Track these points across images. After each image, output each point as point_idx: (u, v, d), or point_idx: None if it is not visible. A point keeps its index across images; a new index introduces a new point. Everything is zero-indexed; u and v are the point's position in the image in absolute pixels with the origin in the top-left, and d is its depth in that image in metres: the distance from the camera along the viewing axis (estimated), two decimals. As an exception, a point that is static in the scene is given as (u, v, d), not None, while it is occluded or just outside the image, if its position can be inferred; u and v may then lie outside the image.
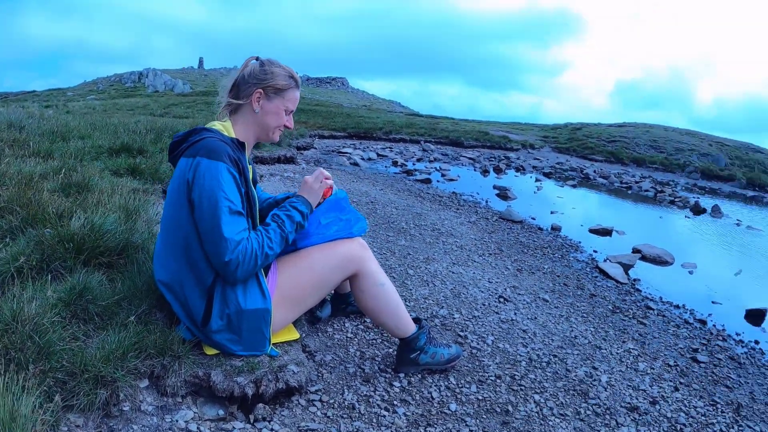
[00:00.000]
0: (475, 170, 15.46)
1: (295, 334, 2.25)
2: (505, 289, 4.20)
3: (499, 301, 3.82)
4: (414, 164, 14.55)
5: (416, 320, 2.44)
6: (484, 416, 2.26)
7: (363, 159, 13.90)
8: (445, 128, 25.19)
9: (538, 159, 21.93)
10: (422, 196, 8.68)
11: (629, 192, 16.53)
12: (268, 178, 7.64)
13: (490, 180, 13.42)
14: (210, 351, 1.95)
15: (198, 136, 1.92)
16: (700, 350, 3.83)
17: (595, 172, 20.20)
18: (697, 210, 13.84)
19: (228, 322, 1.88)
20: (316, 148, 15.25)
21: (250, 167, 2.09)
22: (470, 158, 18.20)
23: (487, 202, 9.40)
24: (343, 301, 2.82)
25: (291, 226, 2.01)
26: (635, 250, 7.14)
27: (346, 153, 14.59)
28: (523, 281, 4.60)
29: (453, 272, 4.39)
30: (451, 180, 12.07)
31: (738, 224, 12.82)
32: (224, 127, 2.02)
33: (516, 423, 2.25)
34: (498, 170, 15.86)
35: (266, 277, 2.01)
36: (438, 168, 14.17)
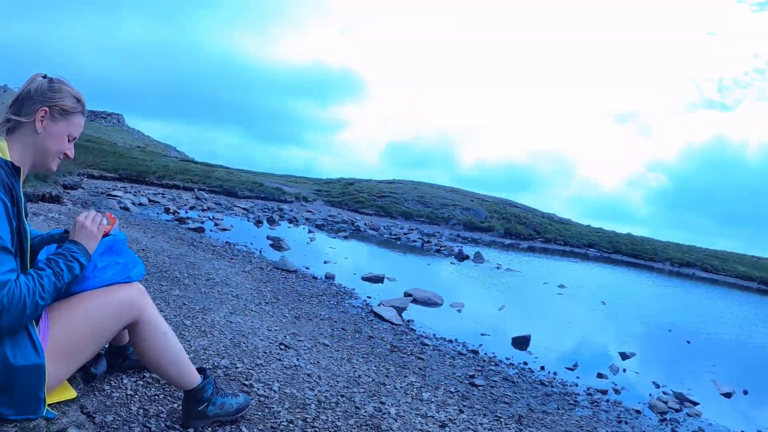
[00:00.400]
0: (248, 221, 15.36)
1: (71, 393, 1.99)
2: (285, 336, 4.22)
3: (281, 348, 3.83)
4: (187, 212, 13.96)
5: (200, 370, 2.32)
6: (277, 463, 2.23)
7: (134, 204, 13.00)
8: (219, 177, 24.72)
9: (311, 212, 22.59)
10: (195, 245, 8.35)
11: (398, 243, 17.84)
12: (30, 218, 6.68)
13: (264, 231, 13.44)
14: None
15: None
16: (476, 376, 4.28)
17: (365, 224, 21.45)
18: (461, 257, 15.49)
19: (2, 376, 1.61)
20: (84, 189, 13.88)
21: (23, 198, 1.85)
22: (244, 209, 18.05)
23: (261, 252, 9.38)
24: (120, 355, 2.57)
25: (68, 277, 1.81)
26: (407, 294, 7.71)
27: (117, 196, 13.55)
28: (302, 328, 4.67)
29: (231, 322, 4.28)
30: (225, 230, 11.82)
31: (498, 267, 14.62)
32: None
33: (308, 466, 2.27)
34: (271, 221, 15.95)
35: (37, 327, 1.77)
36: (211, 217, 13.78)
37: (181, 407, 2.32)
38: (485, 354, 5.30)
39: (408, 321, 6.21)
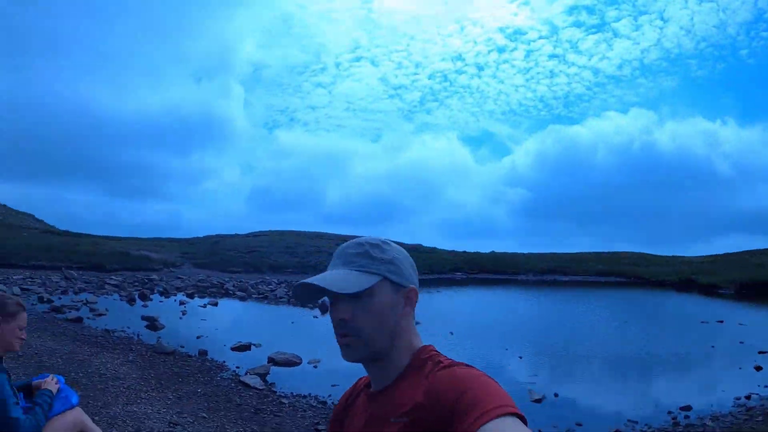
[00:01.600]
0: (121, 299, 16.14)
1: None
2: (173, 415, 5.74)
3: (171, 426, 5.37)
4: (60, 298, 14.60)
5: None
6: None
7: (3, 298, 13.36)
8: (85, 251, 24.70)
9: (180, 278, 23.33)
10: (79, 338, 9.45)
11: (266, 301, 19.22)
12: None
13: (138, 309, 14.39)
14: None
15: None
16: (320, 423, 6.00)
17: (234, 285, 22.54)
18: (324, 308, 17.05)
19: None
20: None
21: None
22: (114, 285, 18.64)
23: (139, 336, 10.55)
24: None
25: (48, 412, 3.36)
26: (270, 359, 9.28)
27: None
28: (185, 407, 6.19)
29: (128, 411, 5.73)
30: (101, 315, 12.70)
31: None
32: None
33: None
34: (143, 296, 16.82)
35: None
36: (85, 300, 14.50)
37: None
38: (332, 403, 7.05)
39: (271, 384, 7.84)
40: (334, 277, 1.34)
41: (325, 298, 1.51)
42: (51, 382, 3.55)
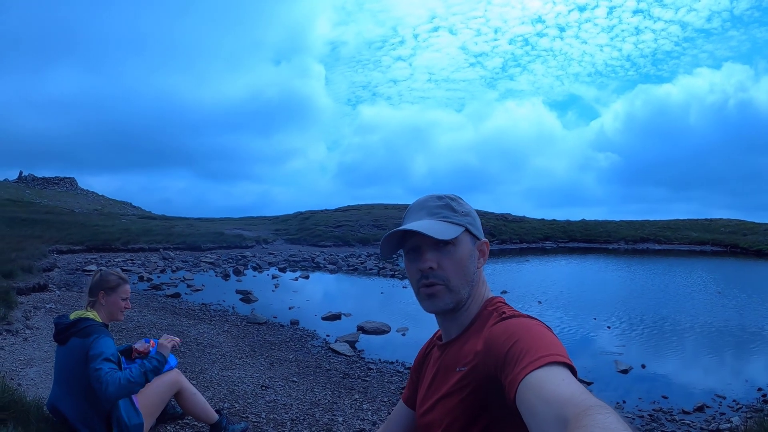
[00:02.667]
0: (216, 275, 16.80)
1: (151, 435, 3.63)
2: (264, 380, 5.85)
3: (263, 389, 5.47)
4: (159, 277, 15.36)
5: (218, 411, 3.98)
6: (269, 457, 3.89)
7: (109, 278, 14.25)
8: (181, 232, 25.96)
9: (272, 254, 24.03)
10: (177, 312, 9.87)
11: (356, 273, 19.48)
12: (35, 313, 8.14)
13: (232, 284, 14.92)
14: None
15: (85, 323, 3.25)
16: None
17: (325, 259, 22.98)
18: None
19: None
20: (60, 267, 15.09)
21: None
22: (210, 263, 19.44)
23: (233, 308, 10.91)
24: (163, 414, 4.20)
25: (157, 373, 3.42)
26: (359, 328, 9.36)
27: (91, 271, 14.76)
28: (276, 371, 6.30)
29: (224, 376, 5.89)
30: (197, 290, 13.26)
31: None
32: (94, 315, 3.38)
33: (287, 456, 3.93)
34: (238, 272, 17.43)
35: (132, 402, 3.39)
36: (183, 278, 15.20)
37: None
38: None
39: (360, 351, 7.87)
40: (427, 225, 1.39)
41: (401, 251, 1.54)
42: (166, 344, 3.55)
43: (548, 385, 0.97)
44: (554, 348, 1.10)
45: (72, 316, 3.30)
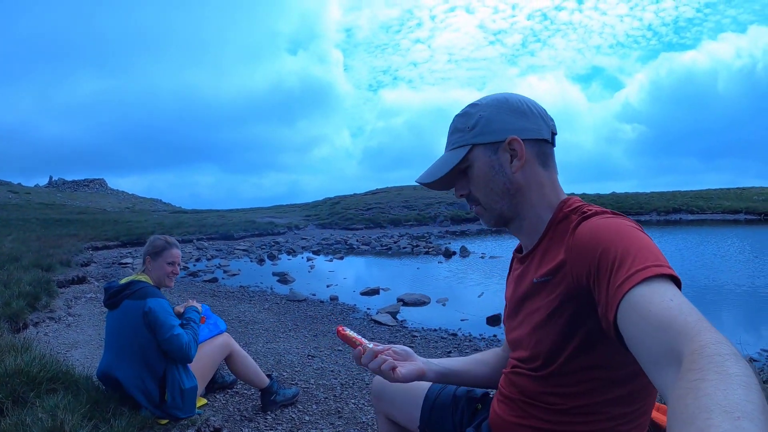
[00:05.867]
0: (251, 261, 16.87)
1: (204, 400, 3.55)
2: (310, 350, 5.77)
3: (309, 358, 5.38)
4: (195, 265, 15.47)
5: (268, 376, 3.89)
6: (326, 417, 3.79)
7: (147, 269, 14.44)
8: (213, 223, 26.21)
9: (305, 238, 24.10)
10: (217, 295, 9.89)
11: (390, 252, 19.40)
12: (76, 302, 8.21)
13: (268, 268, 14.95)
14: (162, 422, 3.15)
15: (137, 285, 3.18)
16: (452, 351, 5.86)
17: (357, 240, 22.96)
18: (448, 254, 17.04)
19: (175, 398, 3.13)
20: (96, 262, 15.31)
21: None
22: (244, 250, 19.55)
23: (272, 288, 10.90)
24: (213, 382, 4.14)
25: (198, 330, 3.35)
26: (399, 300, 9.25)
27: (128, 263, 14.97)
28: (321, 342, 6.21)
29: (269, 348, 5.83)
30: (234, 275, 13.31)
31: (482, 257, 16.15)
32: (146, 278, 3.31)
33: (346, 415, 3.83)
34: (272, 257, 17.48)
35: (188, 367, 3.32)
36: (218, 265, 15.29)
37: (259, 400, 3.87)
38: (462, 335, 6.85)
39: (402, 321, 7.76)
40: (433, 168, 1.38)
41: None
42: (193, 302, 3.56)
43: (656, 307, 0.86)
44: (656, 256, 0.97)
45: (122, 281, 3.24)
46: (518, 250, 1.47)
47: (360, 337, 1.48)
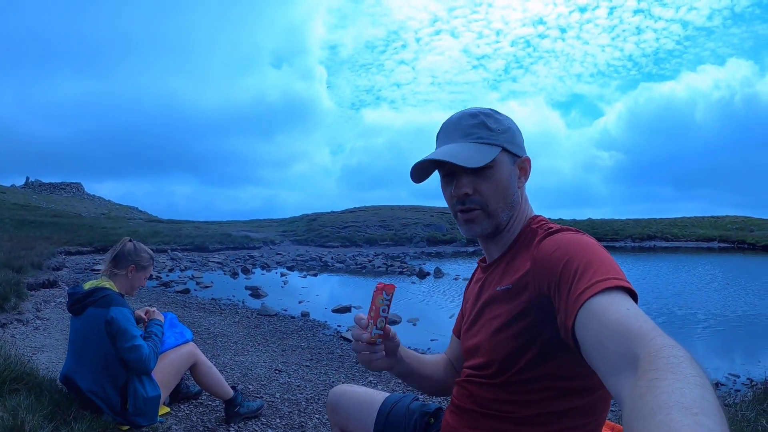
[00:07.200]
0: (225, 274, 16.76)
1: (166, 409, 3.56)
2: (278, 364, 5.78)
3: (276, 373, 5.40)
4: (168, 275, 15.33)
5: (233, 387, 3.91)
6: (289, 431, 3.82)
7: (118, 277, 14.28)
8: (188, 234, 26.00)
9: (280, 254, 24.00)
10: (188, 306, 9.82)
11: (364, 271, 19.41)
12: (45, 306, 8.11)
13: (241, 281, 14.89)
14: (123, 428, 3.16)
15: (102, 292, 3.19)
16: None
17: (332, 258, 22.95)
18: (422, 274, 17.11)
19: (137, 406, 3.14)
20: (68, 267, 15.10)
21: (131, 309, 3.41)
22: (218, 262, 19.42)
23: (244, 302, 10.87)
24: (178, 392, 4.14)
25: (159, 343, 3.37)
26: (369, 320, 9.28)
27: (100, 270, 14.72)
28: (289, 357, 6.23)
29: (237, 361, 5.83)
30: (207, 287, 13.23)
31: (456, 279, 16.22)
32: (110, 285, 3.32)
33: (309, 430, 3.86)
34: (246, 271, 17.40)
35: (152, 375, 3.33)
36: (191, 276, 15.18)
37: (223, 412, 3.89)
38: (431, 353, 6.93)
39: (372, 340, 7.79)
40: (458, 151, 1.29)
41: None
42: (156, 313, 3.58)
43: (614, 315, 0.90)
44: (615, 269, 1.03)
45: (86, 286, 3.24)
46: (482, 260, 1.52)
47: (385, 315, 1.39)
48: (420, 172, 1.39)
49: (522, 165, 1.37)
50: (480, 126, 1.33)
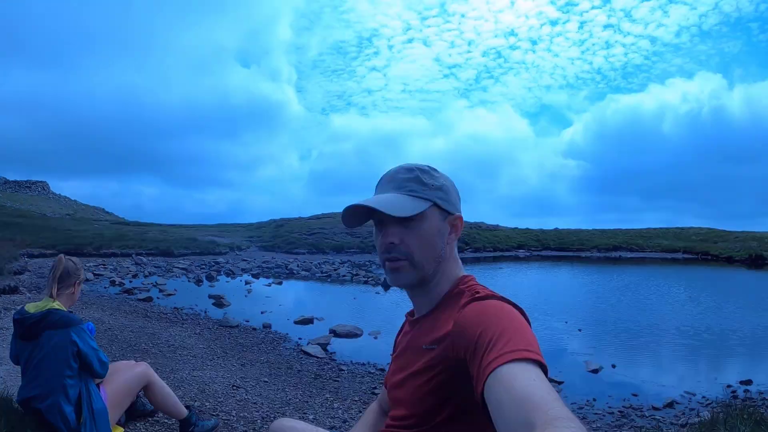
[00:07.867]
0: (189, 281, 16.68)
1: (121, 429, 3.64)
2: (236, 380, 5.87)
3: (233, 389, 5.49)
4: (131, 281, 15.21)
5: (187, 407, 4.01)
6: (239, 452, 3.94)
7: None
8: (154, 238, 25.72)
9: (246, 260, 23.90)
10: (149, 315, 9.81)
11: (329, 279, 19.47)
12: (5, 314, 8.02)
13: (205, 289, 14.85)
14: None
15: (56, 314, 3.27)
16: (377, 387, 6.05)
17: (298, 266, 22.92)
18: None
19: (90, 419, 3.22)
20: (30, 271, 14.86)
21: None
22: (183, 268, 19.28)
23: (206, 312, 10.88)
24: (133, 410, 4.21)
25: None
26: (331, 331, 9.40)
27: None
28: (248, 372, 6.32)
29: (195, 376, 5.90)
30: (170, 294, 13.17)
31: None
32: (58, 304, 3.40)
33: (257, 451, 3.98)
34: (210, 278, 17.34)
35: (99, 390, 3.41)
36: (155, 283, 15.07)
37: (179, 430, 3.98)
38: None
39: (331, 354, 7.93)
40: (388, 200, 1.34)
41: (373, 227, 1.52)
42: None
43: (519, 383, 0.95)
44: (528, 342, 1.08)
45: (33, 309, 3.28)
46: (410, 313, 1.58)
47: None
48: (354, 218, 1.44)
49: (453, 222, 1.44)
50: (414, 180, 1.38)
